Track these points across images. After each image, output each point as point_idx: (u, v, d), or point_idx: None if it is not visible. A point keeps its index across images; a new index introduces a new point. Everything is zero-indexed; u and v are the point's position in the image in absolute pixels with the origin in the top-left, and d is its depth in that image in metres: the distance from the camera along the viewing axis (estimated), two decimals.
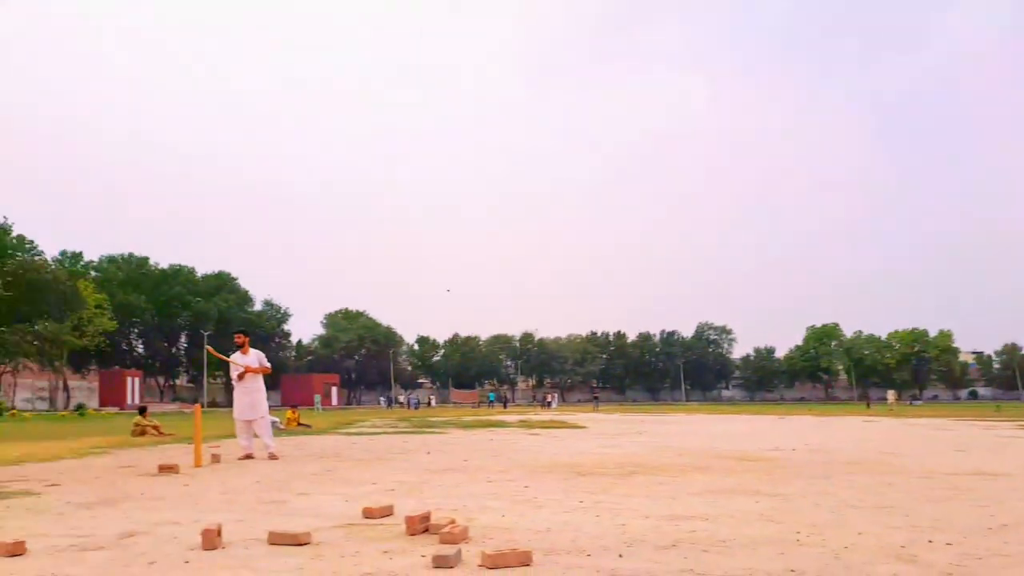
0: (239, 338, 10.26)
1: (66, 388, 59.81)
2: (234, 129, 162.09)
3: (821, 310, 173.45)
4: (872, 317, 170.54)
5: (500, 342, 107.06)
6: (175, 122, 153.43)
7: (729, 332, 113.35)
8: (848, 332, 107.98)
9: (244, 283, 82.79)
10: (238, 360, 10.00)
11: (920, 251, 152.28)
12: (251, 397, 9.96)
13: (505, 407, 61.30)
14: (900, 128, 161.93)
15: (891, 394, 49.75)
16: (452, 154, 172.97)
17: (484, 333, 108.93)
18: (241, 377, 9.92)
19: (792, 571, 3.34)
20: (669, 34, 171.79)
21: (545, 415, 33.87)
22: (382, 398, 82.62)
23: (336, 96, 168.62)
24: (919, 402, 79.29)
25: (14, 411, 38.00)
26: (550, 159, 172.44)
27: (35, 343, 50.79)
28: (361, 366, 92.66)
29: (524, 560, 3.43)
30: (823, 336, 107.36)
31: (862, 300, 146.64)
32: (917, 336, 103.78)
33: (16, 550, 3.66)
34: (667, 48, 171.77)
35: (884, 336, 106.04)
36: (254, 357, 10.12)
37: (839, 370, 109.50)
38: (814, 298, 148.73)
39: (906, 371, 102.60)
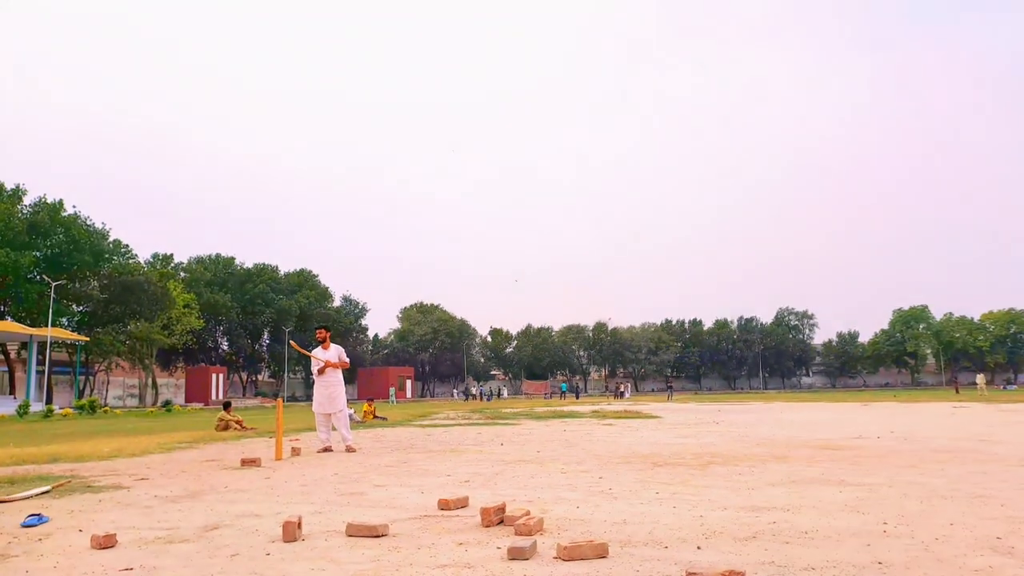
0: (320, 333, 10.48)
1: (154, 385, 62.42)
2: (312, 133, 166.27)
3: (909, 293, 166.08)
4: (964, 299, 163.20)
5: (573, 332, 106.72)
6: (255, 131, 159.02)
7: (810, 317, 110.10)
8: (938, 315, 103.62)
9: (324, 280, 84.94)
10: (319, 355, 10.22)
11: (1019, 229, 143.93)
12: (330, 391, 10.14)
13: (577, 397, 61.14)
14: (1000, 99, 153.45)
15: (980, 378, 47.24)
16: (516, 152, 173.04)
17: (556, 324, 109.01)
18: (321, 371, 10.14)
19: (880, 563, 3.21)
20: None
21: (618, 405, 33.62)
22: (455, 391, 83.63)
23: (402, 97, 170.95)
24: (1013, 387, 75.34)
25: (106, 408, 39.93)
26: (620, 150, 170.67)
27: (127, 342, 53.13)
28: (435, 359, 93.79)
29: (600, 552, 3.38)
30: (910, 319, 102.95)
31: (954, 282, 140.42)
32: (1014, 317, 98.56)
33: (107, 543, 3.83)
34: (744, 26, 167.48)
35: (977, 318, 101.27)
36: (334, 352, 10.33)
37: (927, 354, 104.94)
38: (902, 281, 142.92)
39: (1000, 354, 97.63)
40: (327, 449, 9.76)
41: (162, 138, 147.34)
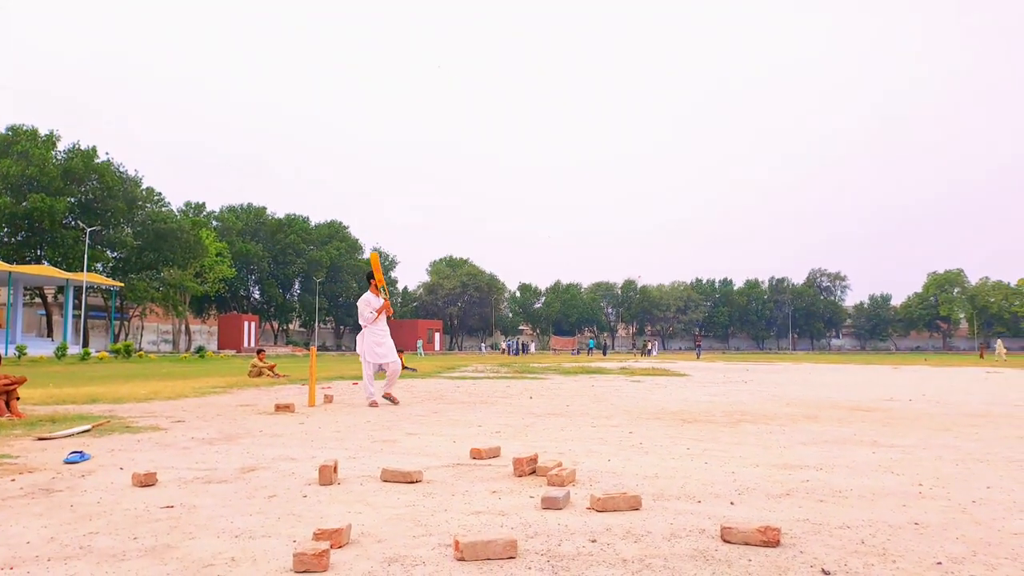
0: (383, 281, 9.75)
1: (188, 331, 63.61)
2: (345, 90, 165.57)
3: (945, 257, 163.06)
4: (1001, 264, 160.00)
5: (602, 289, 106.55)
6: (288, 87, 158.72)
7: (843, 279, 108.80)
8: (973, 279, 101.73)
9: (354, 232, 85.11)
10: (375, 304, 9.54)
11: None
12: (386, 339, 9.56)
13: (605, 354, 61.23)
14: None
15: (999, 343, 46.85)
16: (552, 108, 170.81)
17: (585, 280, 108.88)
18: (379, 313, 9.49)
19: (916, 524, 3.18)
20: None
21: (646, 362, 33.62)
22: (483, 344, 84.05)
23: (431, 57, 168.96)
24: None
25: (141, 353, 40.73)
26: (639, 113, 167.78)
27: (160, 289, 53.92)
28: (463, 312, 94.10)
29: (634, 504, 3.39)
30: (945, 283, 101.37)
31: (990, 246, 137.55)
32: None
33: (148, 481, 3.92)
34: None
35: (1014, 283, 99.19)
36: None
37: (960, 319, 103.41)
38: (938, 245, 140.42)
39: None
40: (374, 404, 9.03)
41: (196, 89, 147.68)
